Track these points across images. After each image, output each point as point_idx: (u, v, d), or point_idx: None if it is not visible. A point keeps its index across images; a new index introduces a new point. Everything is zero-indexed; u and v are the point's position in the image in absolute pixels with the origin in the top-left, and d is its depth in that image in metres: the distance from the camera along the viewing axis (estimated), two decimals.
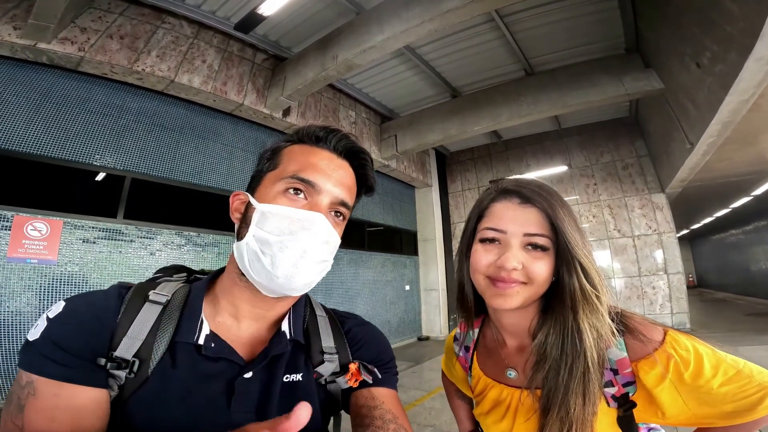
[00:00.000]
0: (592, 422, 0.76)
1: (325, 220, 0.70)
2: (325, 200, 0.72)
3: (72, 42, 4.24)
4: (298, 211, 0.69)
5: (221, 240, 5.40)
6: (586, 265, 0.81)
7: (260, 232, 0.69)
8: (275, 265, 0.67)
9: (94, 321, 0.64)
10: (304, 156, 0.74)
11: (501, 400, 0.92)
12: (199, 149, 5.50)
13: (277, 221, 0.69)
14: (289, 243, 0.67)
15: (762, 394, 0.70)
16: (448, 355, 1.21)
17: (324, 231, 0.70)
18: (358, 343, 0.84)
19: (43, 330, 0.61)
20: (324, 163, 0.74)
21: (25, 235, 3.88)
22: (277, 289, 0.69)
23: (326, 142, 0.77)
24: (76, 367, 0.60)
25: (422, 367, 6.31)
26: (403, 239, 9.56)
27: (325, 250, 0.72)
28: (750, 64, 3.55)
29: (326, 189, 0.72)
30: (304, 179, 0.71)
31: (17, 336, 3.72)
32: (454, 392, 1.25)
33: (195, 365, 0.67)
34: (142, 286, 0.73)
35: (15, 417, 0.58)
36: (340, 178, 0.75)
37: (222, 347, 0.69)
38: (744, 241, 16.13)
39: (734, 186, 10.27)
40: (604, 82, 6.21)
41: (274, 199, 0.70)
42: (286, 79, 5.84)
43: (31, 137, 4.05)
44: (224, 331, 0.72)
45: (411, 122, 8.10)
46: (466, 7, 4.27)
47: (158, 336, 0.66)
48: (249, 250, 0.69)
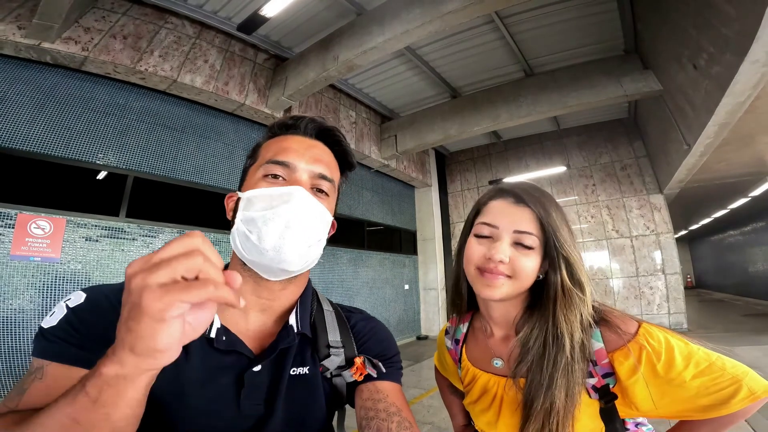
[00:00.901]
0: (573, 413, 0.80)
1: (304, 190, 0.72)
2: (303, 176, 0.75)
3: (76, 42, 4.27)
4: (277, 188, 0.72)
5: (223, 239, 5.43)
6: (573, 263, 0.86)
7: (245, 214, 0.71)
8: (262, 239, 0.68)
9: (113, 311, 0.63)
10: (276, 143, 0.78)
11: (488, 389, 0.97)
12: (201, 148, 5.53)
13: (259, 202, 0.71)
14: (271, 215, 0.69)
15: (735, 387, 0.72)
16: (440, 349, 1.25)
17: (305, 201, 0.71)
18: (363, 338, 0.85)
19: (62, 317, 0.63)
20: (296, 145, 0.77)
21: (28, 233, 3.91)
22: (271, 264, 0.70)
23: (296, 128, 0.81)
24: (91, 352, 0.58)
25: (421, 366, 6.34)
26: (402, 239, 9.59)
27: (312, 223, 0.73)
28: (746, 66, 3.58)
29: (302, 167, 0.75)
30: (279, 161, 0.74)
31: (20, 333, 3.75)
32: (446, 387, 1.29)
33: (207, 358, 0.68)
34: None
35: (10, 400, 0.57)
36: (314, 156, 0.77)
37: (233, 340, 0.71)
38: (742, 242, 16.17)
39: (732, 187, 10.31)
40: (603, 84, 6.24)
41: (255, 185, 0.73)
42: (288, 79, 5.87)
43: (35, 136, 4.08)
44: (233, 325, 0.73)
45: (411, 122, 8.13)
46: (467, 9, 4.31)
47: None
48: (239, 233, 0.71)
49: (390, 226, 9.13)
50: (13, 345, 3.70)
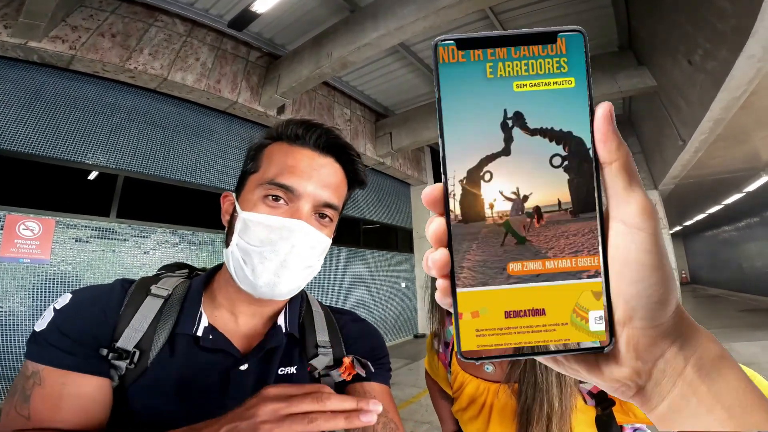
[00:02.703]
0: (570, 417, 0.77)
1: (306, 226, 0.69)
2: (305, 206, 0.70)
3: (63, 40, 4.20)
4: (277, 219, 0.68)
5: (216, 238, 5.38)
6: None
7: (242, 242, 0.69)
8: (256, 275, 0.68)
9: (99, 313, 0.66)
10: (282, 157, 0.72)
11: (477, 396, 0.95)
12: (193, 147, 5.47)
13: (258, 230, 0.68)
14: (269, 254, 0.67)
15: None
16: (430, 353, 1.23)
17: (305, 238, 0.69)
18: (352, 339, 0.85)
19: (50, 320, 0.64)
20: (304, 164, 0.71)
21: (17, 234, 3.85)
22: (263, 296, 0.71)
23: (306, 139, 0.74)
24: (81, 357, 0.62)
25: (418, 365, 6.32)
26: (398, 236, 9.57)
27: (310, 256, 0.72)
28: (741, 62, 3.58)
29: (307, 193, 0.70)
30: (282, 185, 0.69)
31: (10, 336, 3.70)
32: (437, 392, 1.27)
33: (193, 356, 0.69)
34: (145, 281, 0.74)
35: (20, 407, 0.60)
36: (322, 179, 0.72)
37: (219, 339, 0.71)
38: (736, 237, 16.27)
39: (726, 183, 10.36)
40: (598, 80, 6.22)
41: (255, 206, 0.69)
42: (281, 77, 5.82)
43: (22, 136, 4.01)
44: (222, 325, 0.73)
45: (406, 120, 8.10)
46: (461, 4, 4.27)
47: (159, 328, 0.68)
48: (233, 258, 0.70)
49: (386, 224, 9.11)
50: (3, 347, 3.65)
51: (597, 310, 0.24)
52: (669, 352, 0.24)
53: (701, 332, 0.24)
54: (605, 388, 0.27)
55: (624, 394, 0.26)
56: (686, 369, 0.23)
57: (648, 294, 0.23)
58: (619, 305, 0.24)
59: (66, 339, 0.62)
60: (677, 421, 0.24)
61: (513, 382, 0.86)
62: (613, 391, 0.26)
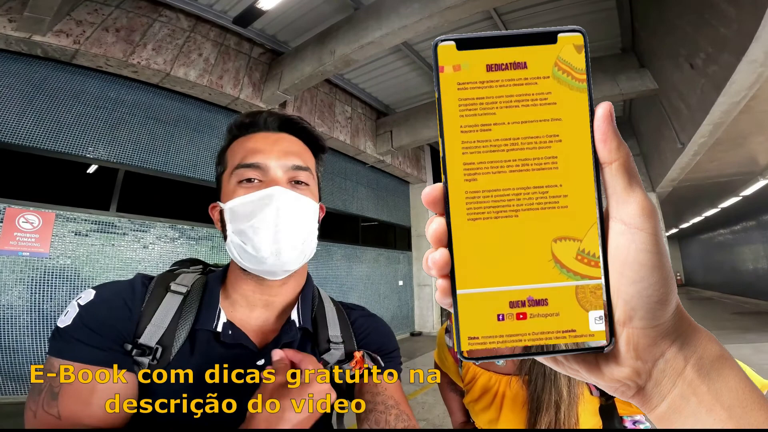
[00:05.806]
0: (577, 405, 0.80)
1: (283, 189, 0.72)
2: (278, 173, 0.74)
3: (67, 35, 4.18)
4: (255, 193, 0.71)
5: (215, 233, 5.37)
6: None
7: (235, 227, 0.72)
8: (258, 249, 0.70)
9: (123, 308, 0.67)
10: (241, 146, 0.77)
11: (489, 387, 0.98)
12: (194, 142, 5.46)
13: (243, 210, 0.71)
14: (259, 223, 0.70)
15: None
16: (440, 348, 1.26)
17: (286, 198, 0.72)
18: (363, 333, 0.86)
19: (75, 316, 0.64)
20: (262, 143, 0.76)
21: (16, 227, 3.84)
22: (273, 269, 0.72)
23: (256, 125, 0.79)
24: (108, 351, 0.63)
25: (414, 363, 6.34)
26: (396, 234, 9.58)
27: (299, 217, 0.74)
28: (743, 66, 3.60)
29: (273, 164, 0.73)
30: (250, 164, 0.73)
31: (10, 329, 3.69)
32: (446, 384, 1.30)
33: (213, 351, 0.70)
34: (164, 277, 0.76)
35: (48, 405, 0.59)
36: (283, 149, 0.76)
37: (238, 334, 0.72)
38: (732, 240, 16.34)
39: (723, 186, 10.43)
40: (599, 81, 6.24)
41: (233, 193, 0.73)
42: (283, 74, 5.81)
43: (24, 129, 4.00)
44: (238, 320, 0.75)
45: (407, 118, 8.10)
46: (466, 4, 4.28)
47: (180, 324, 0.69)
48: (234, 245, 0.73)
49: (384, 221, 9.12)
50: (2, 341, 3.64)
51: (597, 310, 0.25)
52: (669, 352, 0.24)
53: (701, 332, 0.25)
54: (605, 388, 0.27)
55: (624, 394, 0.26)
56: (686, 369, 0.24)
57: (648, 294, 0.23)
58: (619, 305, 0.24)
59: (93, 334, 0.63)
60: (677, 421, 0.24)
61: (524, 373, 0.89)
62: (613, 391, 0.27)
